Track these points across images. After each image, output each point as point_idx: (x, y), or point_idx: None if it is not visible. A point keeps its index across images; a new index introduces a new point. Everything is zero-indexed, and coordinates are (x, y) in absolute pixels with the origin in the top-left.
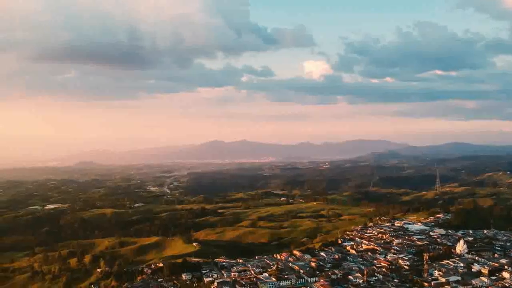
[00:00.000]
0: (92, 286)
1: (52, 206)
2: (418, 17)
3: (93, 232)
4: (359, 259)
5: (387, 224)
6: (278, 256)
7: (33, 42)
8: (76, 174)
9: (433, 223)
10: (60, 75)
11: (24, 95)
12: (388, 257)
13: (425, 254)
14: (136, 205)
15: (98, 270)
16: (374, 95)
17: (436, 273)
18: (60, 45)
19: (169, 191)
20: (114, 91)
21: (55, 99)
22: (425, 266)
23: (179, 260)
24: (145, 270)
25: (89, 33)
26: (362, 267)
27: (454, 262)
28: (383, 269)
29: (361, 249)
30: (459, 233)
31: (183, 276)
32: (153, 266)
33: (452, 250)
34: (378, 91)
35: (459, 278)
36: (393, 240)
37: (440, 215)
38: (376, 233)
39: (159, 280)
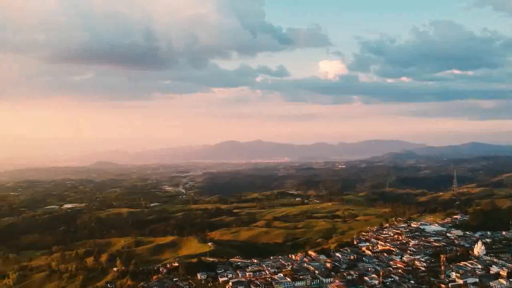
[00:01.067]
0: (109, 285)
1: (69, 206)
2: (434, 16)
3: (109, 232)
4: (374, 260)
5: (403, 225)
6: (293, 257)
7: (51, 44)
8: (93, 174)
9: (450, 224)
10: (77, 76)
11: (42, 96)
12: (404, 258)
13: (442, 256)
14: (152, 204)
15: (115, 269)
16: (390, 95)
17: (453, 274)
18: (77, 46)
19: (184, 191)
20: (130, 92)
21: (72, 100)
22: (442, 268)
23: (194, 260)
24: (160, 270)
25: (105, 34)
26: (378, 268)
27: (471, 263)
28: (399, 270)
29: (377, 250)
30: (477, 234)
31: (198, 275)
32: (168, 265)
33: (470, 251)
34: (394, 90)
35: (476, 280)
36: (409, 241)
37: (458, 216)
38: (392, 234)
39: (174, 279)
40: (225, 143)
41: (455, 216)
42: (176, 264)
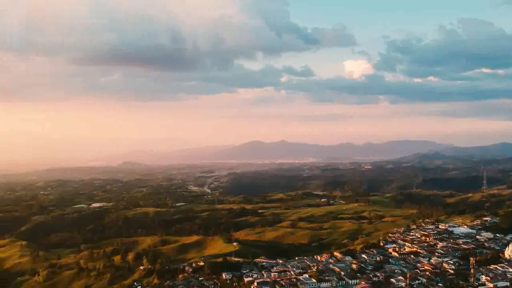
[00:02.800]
0: (135, 283)
1: (97, 205)
2: (462, 14)
3: (136, 231)
4: (401, 262)
5: (430, 227)
6: (319, 258)
7: (79, 46)
8: (120, 174)
9: (479, 226)
10: (105, 77)
11: (70, 97)
12: (432, 260)
13: (471, 258)
14: (178, 204)
15: (141, 267)
16: (417, 94)
17: (483, 278)
18: (105, 48)
19: (209, 191)
20: (156, 93)
21: (100, 101)
22: (472, 271)
23: (220, 260)
24: (186, 269)
25: (132, 36)
26: (405, 270)
27: (502, 267)
28: (427, 273)
29: (404, 251)
30: (508, 237)
31: (224, 275)
32: (194, 264)
33: (500, 254)
34: (421, 90)
35: (507, 283)
36: (437, 243)
37: (487, 218)
38: (419, 236)
39: (200, 278)
40: (250, 144)
41: (485, 218)
42: (202, 264)
